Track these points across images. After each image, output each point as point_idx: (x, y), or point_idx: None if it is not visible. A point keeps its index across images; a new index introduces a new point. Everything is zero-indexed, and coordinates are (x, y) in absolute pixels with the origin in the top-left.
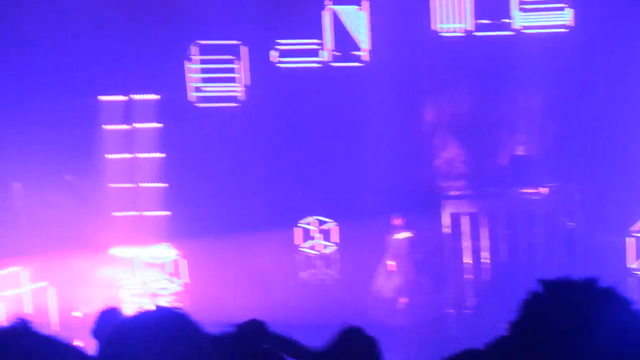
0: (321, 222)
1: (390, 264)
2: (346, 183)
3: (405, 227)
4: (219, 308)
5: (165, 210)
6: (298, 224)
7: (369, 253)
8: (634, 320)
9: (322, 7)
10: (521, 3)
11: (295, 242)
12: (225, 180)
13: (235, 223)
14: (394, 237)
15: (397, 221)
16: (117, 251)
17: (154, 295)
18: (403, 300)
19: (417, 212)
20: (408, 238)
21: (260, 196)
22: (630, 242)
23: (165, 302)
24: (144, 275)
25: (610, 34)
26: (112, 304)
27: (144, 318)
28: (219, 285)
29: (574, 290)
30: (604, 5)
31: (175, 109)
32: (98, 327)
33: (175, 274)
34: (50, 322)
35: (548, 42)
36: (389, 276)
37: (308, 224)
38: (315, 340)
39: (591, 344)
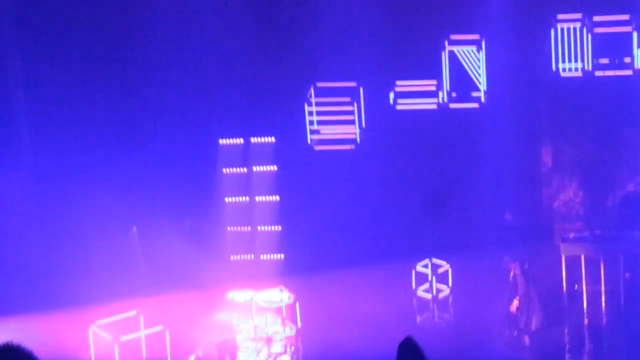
0: (436, 266)
1: (511, 303)
2: (462, 224)
3: (522, 269)
4: (333, 352)
5: (279, 252)
6: (416, 268)
7: (484, 295)
8: None
9: (441, 48)
10: None
11: (410, 285)
12: (340, 222)
13: (349, 266)
14: (511, 277)
15: (513, 265)
16: (233, 294)
17: (269, 339)
18: (519, 340)
19: (534, 254)
20: (526, 278)
21: (375, 238)
22: None
23: (280, 348)
24: (259, 319)
25: None
26: None
27: None
28: (332, 329)
29: None
30: None
31: (293, 152)
32: None
33: (290, 317)
34: None
35: None
36: (505, 317)
37: (424, 266)
38: None
39: None
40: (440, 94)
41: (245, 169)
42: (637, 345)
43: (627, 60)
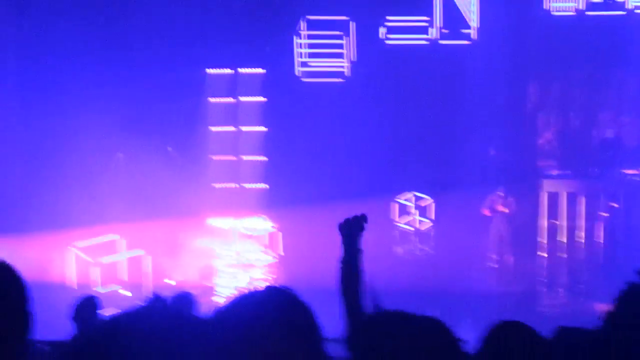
0: (418, 198)
1: (493, 236)
2: (449, 160)
3: (504, 203)
4: (312, 282)
5: (264, 183)
6: (395, 199)
7: (465, 229)
8: None
9: None
10: None
11: (392, 217)
12: (326, 155)
13: (331, 197)
14: (493, 209)
15: (497, 199)
16: (215, 222)
17: (249, 265)
18: (498, 272)
19: (516, 189)
20: (509, 212)
21: (360, 171)
22: None
23: (260, 274)
24: (240, 246)
25: None
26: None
27: (252, 299)
28: (312, 258)
29: None
30: None
31: (281, 84)
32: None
33: (271, 246)
34: (143, 289)
35: None
36: (486, 249)
37: (406, 199)
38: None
39: None
40: (431, 30)
41: (233, 99)
42: (612, 281)
43: (620, 0)
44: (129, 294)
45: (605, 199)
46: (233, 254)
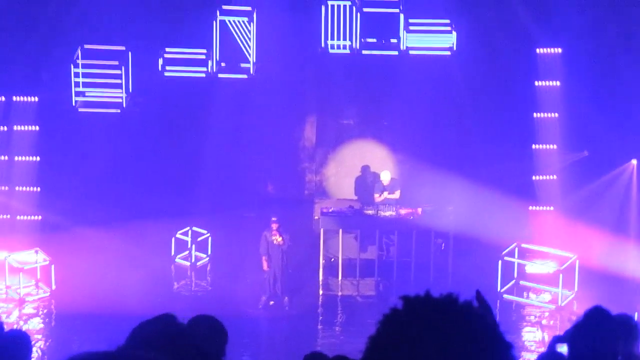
0: (197, 234)
1: (269, 271)
2: (224, 194)
3: (282, 239)
4: (89, 316)
5: (38, 214)
6: (176, 235)
7: (242, 263)
8: (488, 333)
9: (213, 17)
10: (407, 24)
11: (171, 253)
12: (101, 185)
13: (108, 229)
14: (271, 245)
15: (274, 234)
16: None
17: (21, 301)
18: (274, 306)
19: (294, 225)
20: (284, 248)
21: (136, 204)
22: None
23: (31, 308)
24: (12, 280)
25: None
26: None
27: None
28: (87, 292)
29: (434, 306)
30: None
31: (56, 112)
32: None
33: (44, 279)
34: None
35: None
36: (262, 284)
37: (184, 234)
38: None
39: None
40: (210, 63)
41: (5, 128)
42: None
43: (394, 41)
44: None
45: (380, 237)
46: (3, 288)
